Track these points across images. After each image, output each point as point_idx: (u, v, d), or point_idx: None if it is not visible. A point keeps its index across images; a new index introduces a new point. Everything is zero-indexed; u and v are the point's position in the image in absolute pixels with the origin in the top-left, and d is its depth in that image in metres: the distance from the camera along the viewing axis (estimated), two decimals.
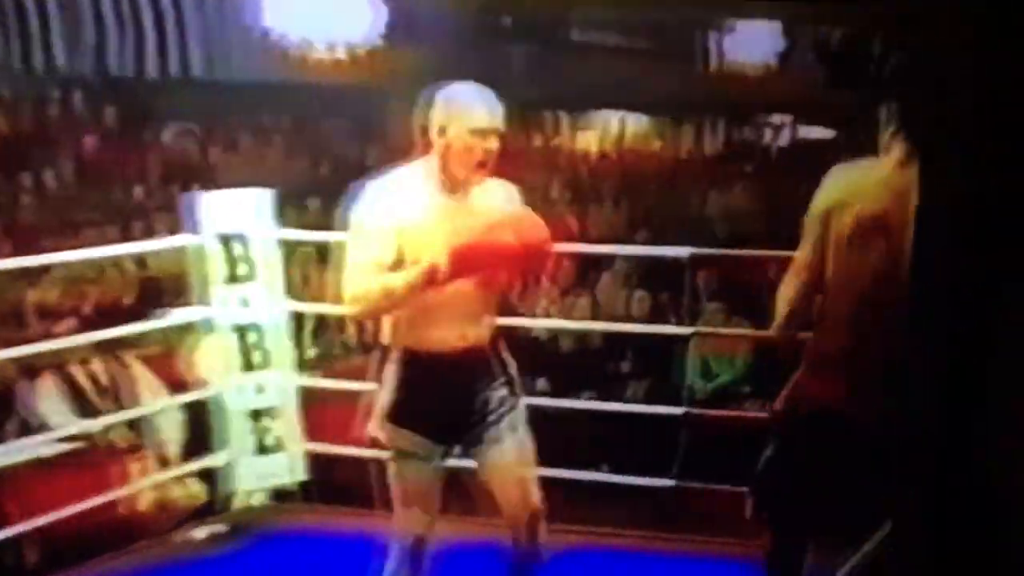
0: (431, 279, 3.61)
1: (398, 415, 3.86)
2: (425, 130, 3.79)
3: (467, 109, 3.73)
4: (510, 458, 3.91)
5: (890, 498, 2.25)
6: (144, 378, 6.49)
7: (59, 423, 6.09)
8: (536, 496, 3.99)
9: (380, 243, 3.71)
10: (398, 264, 3.70)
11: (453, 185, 3.79)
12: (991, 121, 1.94)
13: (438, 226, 3.67)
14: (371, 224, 3.73)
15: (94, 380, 6.39)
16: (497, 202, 3.84)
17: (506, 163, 3.83)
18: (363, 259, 3.71)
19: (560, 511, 5.64)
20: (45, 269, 7.18)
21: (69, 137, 10.54)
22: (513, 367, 3.98)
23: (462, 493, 4.53)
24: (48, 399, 6.26)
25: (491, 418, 3.89)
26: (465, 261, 3.61)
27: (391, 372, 3.87)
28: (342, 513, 5.52)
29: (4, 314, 7.23)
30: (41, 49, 8.55)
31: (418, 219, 3.71)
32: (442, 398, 3.83)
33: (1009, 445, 1.98)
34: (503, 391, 3.92)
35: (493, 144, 3.73)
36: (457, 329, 3.81)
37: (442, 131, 3.74)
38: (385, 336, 3.91)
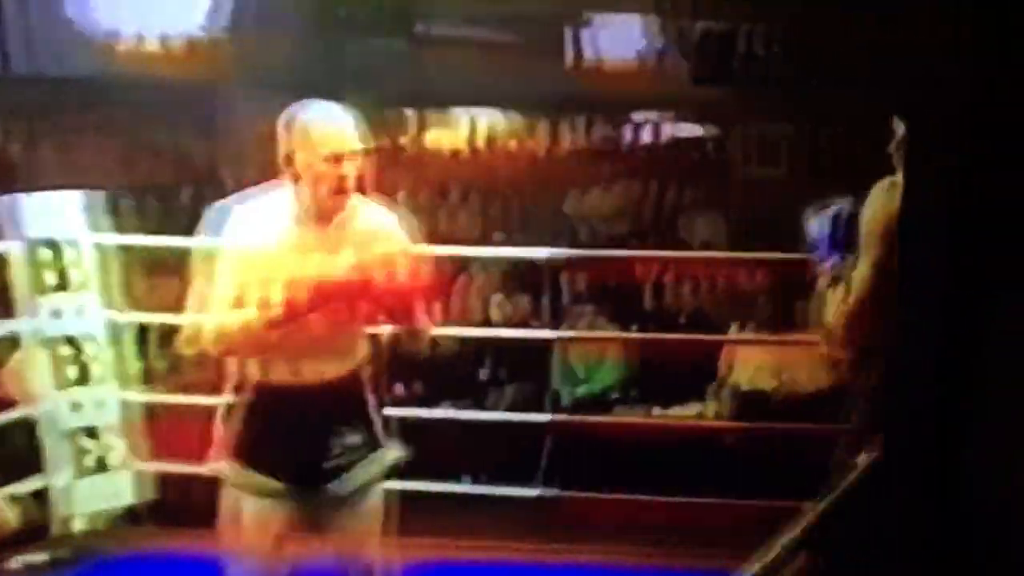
0: (270, 324, 3.48)
1: (242, 452, 3.74)
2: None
3: (314, 134, 3.60)
4: (347, 521, 3.82)
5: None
6: None
7: None
8: (371, 550, 3.89)
9: (223, 278, 3.59)
10: (241, 302, 3.56)
11: (313, 214, 3.66)
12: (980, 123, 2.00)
13: (292, 261, 3.54)
14: (218, 255, 3.61)
15: None
16: (368, 232, 3.69)
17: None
18: (203, 295, 3.61)
19: (423, 523, 5.73)
20: None
21: None
22: (375, 409, 3.86)
23: None
24: None
25: (337, 464, 3.77)
26: (313, 301, 3.47)
27: (239, 403, 3.76)
28: (192, 535, 5.44)
29: None
30: None
31: (270, 253, 3.58)
32: (289, 437, 3.70)
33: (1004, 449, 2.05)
34: (356, 437, 3.79)
35: (350, 169, 3.59)
36: (313, 364, 3.69)
37: (289, 159, 3.61)
38: (230, 365, 3.79)
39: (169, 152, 11.65)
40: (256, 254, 3.56)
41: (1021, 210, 1.95)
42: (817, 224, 3.92)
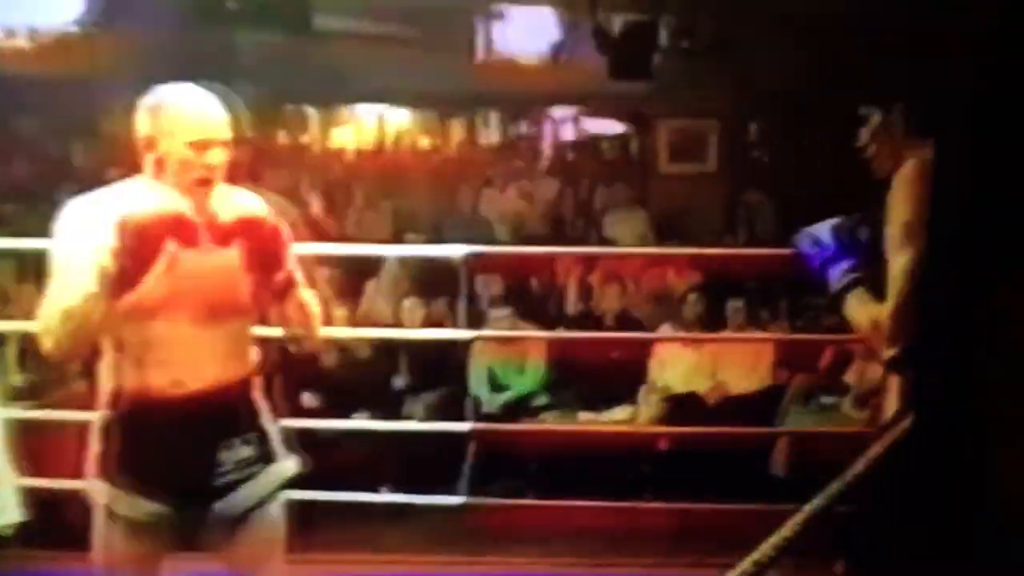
0: (109, 280, 3.35)
1: (115, 470, 3.59)
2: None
3: (179, 118, 3.52)
4: (242, 542, 3.67)
5: None
6: None
7: None
8: (270, 571, 3.76)
9: (79, 272, 3.39)
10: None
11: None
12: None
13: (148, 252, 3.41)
14: (72, 249, 3.44)
15: None
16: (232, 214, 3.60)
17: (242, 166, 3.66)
18: (57, 290, 3.43)
19: (342, 535, 5.73)
20: None
21: None
22: (269, 419, 3.75)
23: None
24: None
25: (226, 482, 3.63)
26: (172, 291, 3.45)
27: (113, 417, 3.60)
28: (69, 558, 5.34)
29: None
30: None
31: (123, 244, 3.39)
32: (170, 453, 3.55)
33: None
34: (248, 450, 3.66)
35: (217, 157, 3.52)
36: (194, 370, 3.56)
37: (150, 144, 3.53)
38: (103, 375, 3.64)
39: (46, 153, 11.52)
40: (107, 245, 3.38)
41: None
42: (822, 232, 3.97)
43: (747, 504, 5.48)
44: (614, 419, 7.55)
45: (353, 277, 8.85)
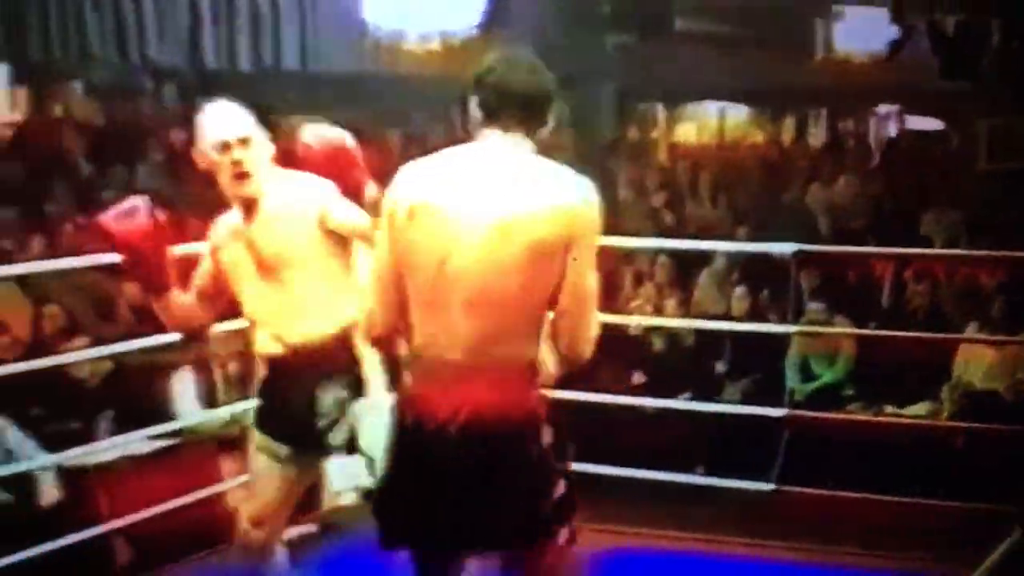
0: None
1: (258, 420, 3.91)
2: None
3: (202, 128, 3.75)
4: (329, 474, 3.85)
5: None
6: None
7: (187, 414, 6.23)
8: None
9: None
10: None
11: (238, 205, 3.79)
12: None
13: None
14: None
15: (226, 376, 6.54)
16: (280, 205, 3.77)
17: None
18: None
19: (652, 512, 5.74)
20: None
21: (161, 129, 10.77)
22: (373, 367, 3.81)
23: None
24: (184, 393, 6.41)
25: (322, 424, 3.79)
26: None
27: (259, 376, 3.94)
28: None
29: (102, 308, 7.37)
30: (136, 40, 8.70)
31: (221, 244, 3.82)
32: (280, 402, 3.82)
33: None
34: (342, 393, 3.80)
35: (243, 153, 3.69)
36: (290, 327, 3.76)
37: (197, 158, 3.79)
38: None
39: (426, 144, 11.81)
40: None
41: None
42: None
43: None
44: (915, 414, 7.35)
45: (687, 266, 8.89)
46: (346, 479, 5.69)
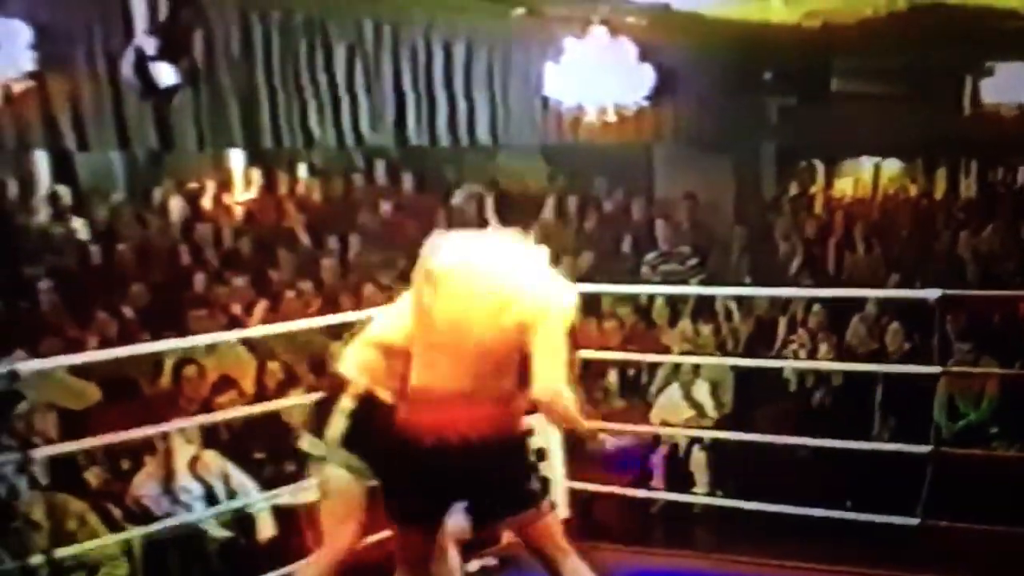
0: None
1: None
2: None
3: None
4: None
5: None
6: None
7: None
8: None
9: None
10: None
11: None
12: None
13: None
14: None
15: None
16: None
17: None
18: None
19: (802, 548, 5.63)
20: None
21: (370, 203, 11.09)
22: None
23: None
24: None
25: None
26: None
27: None
28: (603, 549, 5.49)
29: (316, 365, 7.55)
30: (351, 125, 8.96)
31: None
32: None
33: None
34: None
35: None
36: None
37: None
38: None
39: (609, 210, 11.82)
40: None
41: None
42: None
43: None
44: None
45: (839, 313, 8.74)
46: None
